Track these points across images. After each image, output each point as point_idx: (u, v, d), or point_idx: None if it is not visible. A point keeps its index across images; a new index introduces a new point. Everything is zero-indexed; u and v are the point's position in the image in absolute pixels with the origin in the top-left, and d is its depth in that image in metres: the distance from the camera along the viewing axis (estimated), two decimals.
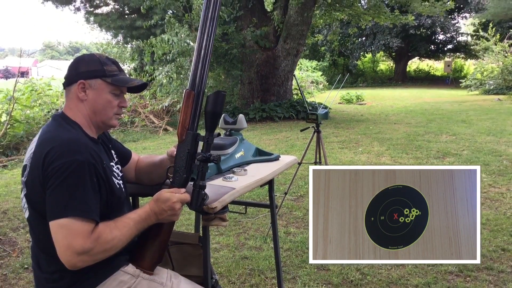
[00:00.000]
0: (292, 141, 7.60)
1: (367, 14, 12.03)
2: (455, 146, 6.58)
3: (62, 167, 1.24)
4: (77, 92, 1.39)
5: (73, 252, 1.21)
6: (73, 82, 1.40)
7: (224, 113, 2.01)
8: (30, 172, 1.32)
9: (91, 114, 1.42)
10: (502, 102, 13.34)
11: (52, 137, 1.32)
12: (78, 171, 1.25)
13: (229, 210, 1.61)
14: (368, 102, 14.99)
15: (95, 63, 1.41)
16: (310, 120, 3.44)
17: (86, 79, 1.39)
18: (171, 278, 1.49)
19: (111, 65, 1.43)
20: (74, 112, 1.41)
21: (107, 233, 1.27)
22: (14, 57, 53.34)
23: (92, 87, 1.40)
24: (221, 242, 3.40)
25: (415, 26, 23.03)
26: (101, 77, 1.40)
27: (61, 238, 1.22)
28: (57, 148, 1.27)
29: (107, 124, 1.46)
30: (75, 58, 1.47)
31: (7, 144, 7.96)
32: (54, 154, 1.26)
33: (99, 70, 1.40)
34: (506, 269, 2.80)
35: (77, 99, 1.40)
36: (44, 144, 1.31)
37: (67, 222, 1.21)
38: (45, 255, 1.36)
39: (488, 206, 3.98)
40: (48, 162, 1.26)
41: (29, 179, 1.32)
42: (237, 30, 10.83)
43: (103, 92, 1.41)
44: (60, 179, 1.23)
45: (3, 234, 3.71)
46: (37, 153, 1.31)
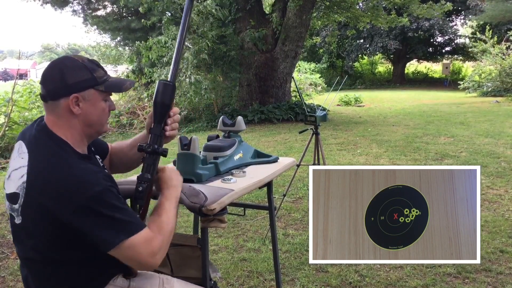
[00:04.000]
0: (291, 143, 7.61)
1: (365, 16, 12.07)
2: (453, 148, 6.59)
3: (89, 204, 1.18)
4: (70, 107, 1.27)
5: (153, 255, 1.24)
6: (62, 96, 1.26)
7: (222, 115, 2.01)
8: (27, 204, 1.24)
9: (85, 128, 1.32)
10: (500, 104, 13.37)
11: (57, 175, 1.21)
12: (106, 198, 1.20)
13: (227, 212, 1.61)
14: (366, 104, 15.00)
15: (83, 72, 1.28)
16: (309, 122, 3.44)
17: (79, 92, 1.27)
18: (163, 284, 1.46)
19: (98, 70, 1.32)
20: (64, 130, 1.29)
21: (160, 224, 1.30)
22: (13, 59, 53.21)
23: (85, 99, 1.28)
24: (220, 244, 3.39)
25: (413, 29, 23.11)
26: (94, 87, 1.29)
27: (134, 255, 1.23)
28: (71, 187, 1.18)
29: (101, 132, 1.39)
30: (54, 64, 1.30)
31: (5, 146, 7.95)
32: (72, 195, 1.18)
33: (90, 79, 1.28)
34: (505, 270, 2.80)
35: (69, 114, 1.28)
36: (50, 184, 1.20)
37: (128, 244, 1.21)
38: (32, 276, 1.34)
39: (486, 208, 3.98)
40: (68, 205, 1.18)
41: (27, 210, 1.25)
42: (235, 32, 10.84)
43: (96, 101, 1.31)
44: (95, 215, 1.18)
45: (1, 236, 3.70)
46: (39, 191, 1.21)
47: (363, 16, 12.10)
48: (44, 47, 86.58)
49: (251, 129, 9.46)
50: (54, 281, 1.30)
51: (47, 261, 1.28)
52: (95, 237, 1.20)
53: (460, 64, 28.99)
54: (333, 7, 11.76)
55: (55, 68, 1.28)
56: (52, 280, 1.30)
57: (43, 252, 1.27)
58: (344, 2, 11.39)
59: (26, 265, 1.35)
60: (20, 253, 1.36)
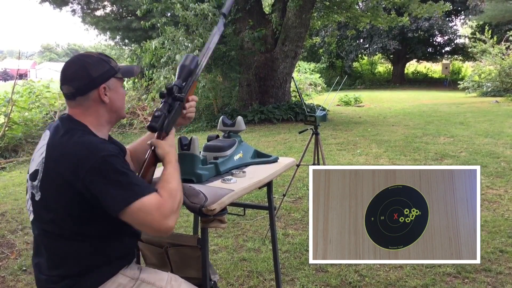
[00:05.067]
0: (291, 143, 7.61)
1: (364, 16, 12.07)
2: (453, 148, 6.59)
3: (98, 166, 1.26)
4: (101, 97, 1.40)
5: (165, 218, 1.28)
6: (91, 89, 1.38)
7: (222, 115, 2.02)
8: (45, 177, 1.33)
9: (111, 114, 1.45)
10: (500, 104, 13.37)
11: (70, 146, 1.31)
12: (114, 163, 1.28)
13: (227, 212, 1.61)
14: (366, 104, 15.01)
15: (102, 64, 1.41)
16: (309, 122, 3.44)
17: (105, 82, 1.40)
18: (171, 281, 1.49)
19: (110, 60, 1.45)
20: (91, 118, 1.41)
21: (167, 187, 1.34)
22: (13, 59, 53.18)
23: (110, 88, 1.42)
24: (220, 244, 3.39)
25: (412, 29, 23.11)
26: (114, 75, 1.43)
27: (146, 217, 1.26)
28: (81, 154, 1.28)
29: (121, 117, 1.51)
30: (73, 64, 1.41)
31: (5, 146, 7.95)
32: (83, 160, 1.27)
33: (109, 69, 1.42)
34: (504, 270, 2.80)
35: (98, 104, 1.40)
36: (64, 152, 1.31)
37: (139, 205, 1.26)
38: (48, 254, 1.38)
39: (486, 208, 3.98)
40: (80, 169, 1.26)
41: (45, 184, 1.33)
42: (235, 32, 10.83)
43: (118, 88, 1.45)
44: (104, 177, 1.26)
45: (1, 236, 3.70)
46: (55, 160, 1.32)
47: (363, 16, 12.09)
48: (44, 47, 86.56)
49: (251, 129, 9.46)
50: (67, 259, 1.35)
51: (63, 236, 1.34)
52: (107, 199, 1.26)
53: (459, 64, 28.99)
54: (332, 7, 11.75)
55: (77, 67, 1.39)
56: (65, 258, 1.35)
57: (61, 226, 1.33)
58: (344, 2, 11.38)
59: (42, 242, 1.39)
60: (36, 231, 1.41)
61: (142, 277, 1.44)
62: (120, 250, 1.42)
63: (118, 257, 1.41)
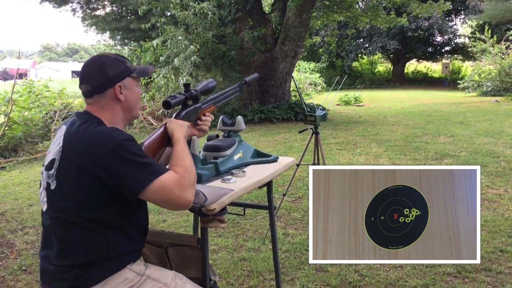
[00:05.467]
0: (291, 143, 7.60)
1: (364, 16, 12.06)
2: (453, 148, 6.59)
3: (116, 151, 1.33)
4: (117, 95, 1.47)
5: (185, 191, 1.37)
6: (107, 87, 1.46)
7: (222, 114, 2.03)
8: (62, 165, 1.39)
9: (126, 113, 1.52)
10: (500, 103, 13.37)
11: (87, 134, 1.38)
12: (130, 146, 1.36)
13: (227, 211, 1.61)
14: (366, 104, 15.00)
15: (118, 64, 1.48)
16: (309, 122, 3.43)
17: (120, 81, 1.48)
18: (176, 279, 1.51)
19: (126, 61, 1.53)
20: (107, 115, 1.47)
21: (180, 164, 1.43)
22: (13, 58, 53.14)
23: (126, 87, 1.49)
24: (220, 244, 3.39)
25: (412, 28, 23.10)
26: (129, 75, 1.50)
27: (167, 194, 1.35)
28: (98, 140, 1.35)
29: (135, 116, 1.58)
30: (91, 64, 1.49)
31: (5, 146, 7.95)
32: (101, 146, 1.34)
33: (125, 69, 1.49)
34: (504, 270, 2.80)
35: (114, 102, 1.48)
36: (82, 139, 1.37)
37: (159, 184, 1.34)
38: (59, 243, 1.41)
39: (486, 207, 3.98)
40: (99, 154, 1.33)
41: (62, 171, 1.39)
42: (235, 32, 10.82)
43: (133, 87, 1.52)
44: (123, 159, 1.33)
45: (1, 236, 3.70)
46: (72, 147, 1.38)
47: (363, 15, 12.08)
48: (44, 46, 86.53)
49: (250, 128, 9.45)
50: (77, 249, 1.38)
51: (76, 223, 1.38)
52: (127, 180, 1.33)
53: (459, 64, 28.98)
54: (332, 6, 11.74)
55: (95, 66, 1.48)
56: (75, 247, 1.38)
57: (75, 213, 1.37)
58: (344, 2, 11.37)
59: (53, 231, 1.42)
60: (48, 221, 1.44)
61: (148, 273, 1.47)
62: (128, 246, 1.45)
63: (127, 252, 1.45)
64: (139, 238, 1.52)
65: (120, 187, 1.35)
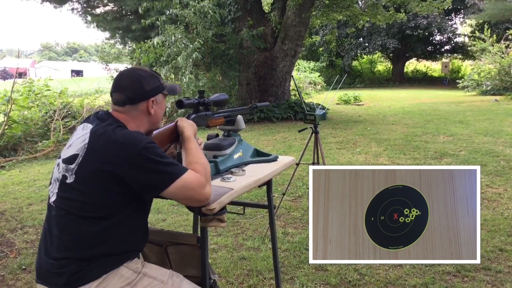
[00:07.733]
0: (290, 142, 7.60)
1: (364, 14, 12.05)
2: (452, 147, 6.59)
3: (142, 153, 1.40)
4: (149, 109, 1.56)
5: (204, 187, 1.45)
6: (141, 100, 1.54)
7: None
8: (85, 162, 1.43)
9: (151, 125, 1.61)
10: (499, 103, 13.38)
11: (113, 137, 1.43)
12: (154, 149, 1.43)
13: (227, 211, 1.61)
14: (365, 103, 15.00)
15: (153, 79, 1.57)
16: (308, 121, 3.43)
17: (154, 96, 1.57)
18: (173, 277, 1.53)
19: (160, 77, 1.62)
20: (133, 125, 1.54)
21: (198, 162, 1.52)
22: (12, 58, 53.13)
23: (157, 102, 1.58)
24: (219, 243, 3.39)
25: (411, 27, 23.11)
26: (161, 91, 1.60)
27: (189, 191, 1.43)
28: (124, 143, 1.41)
29: (157, 129, 1.65)
30: (130, 75, 1.56)
31: (4, 145, 7.93)
32: (127, 149, 1.40)
33: (159, 85, 1.59)
34: (504, 269, 2.81)
35: (144, 114, 1.56)
36: (111, 140, 1.42)
37: (182, 182, 1.42)
38: (62, 235, 1.43)
39: (485, 206, 3.98)
40: (127, 155, 1.39)
41: (84, 167, 1.43)
42: (234, 31, 10.82)
43: (162, 103, 1.62)
44: (149, 161, 1.40)
45: (1, 235, 3.70)
46: (100, 146, 1.42)
47: (362, 14, 12.08)
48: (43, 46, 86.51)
49: (250, 128, 9.46)
50: (80, 241, 1.41)
51: (84, 217, 1.41)
52: (153, 179, 1.41)
53: (459, 63, 29.00)
54: (332, 5, 11.74)
55: (132, 78, 1.55)
56: (78, 240, 1.41)
57: (88, 209, 1.41)
58: (344, 1, 11.36)
59: (58, 222, 1.45)
60: (53, 212, 1.47)
61: (145, 271, 1.49)
62: (129, 245, 1.48)
63: (126, 251, 1.47)
64: (141, 239, 1.55)
65: (144, 187, 1.42)
